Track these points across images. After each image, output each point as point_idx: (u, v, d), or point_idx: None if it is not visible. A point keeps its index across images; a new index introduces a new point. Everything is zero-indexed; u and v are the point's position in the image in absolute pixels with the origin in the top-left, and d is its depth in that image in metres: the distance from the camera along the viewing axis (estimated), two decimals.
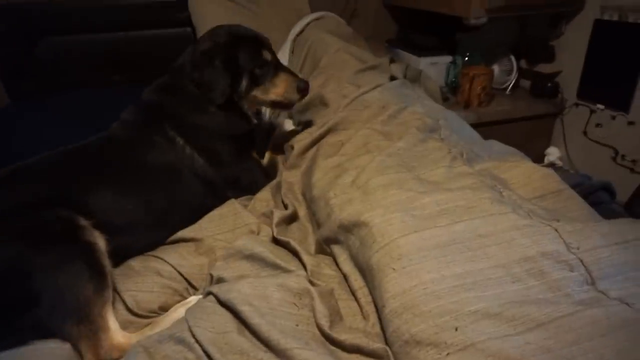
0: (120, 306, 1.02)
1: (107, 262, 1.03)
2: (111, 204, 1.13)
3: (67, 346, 0.92)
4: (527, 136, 2.10)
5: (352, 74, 1.74)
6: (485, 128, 1.97)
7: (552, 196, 1.12)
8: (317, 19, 2.04)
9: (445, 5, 1.94)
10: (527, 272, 0.84)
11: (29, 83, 2.05)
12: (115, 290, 1.03)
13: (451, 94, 2.14)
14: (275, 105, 1.46)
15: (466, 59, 2.08)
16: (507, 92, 2.13)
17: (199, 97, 1.30)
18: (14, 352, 0.88)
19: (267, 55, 1.36)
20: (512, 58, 2.07)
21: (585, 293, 0.82)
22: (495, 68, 2.12)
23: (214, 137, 1.32)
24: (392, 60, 1.89)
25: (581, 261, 0.85)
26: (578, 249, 0.87)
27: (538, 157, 2.03)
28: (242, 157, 1.39)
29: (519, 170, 1.18)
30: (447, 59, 2.14)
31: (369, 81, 1.68)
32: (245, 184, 1.38)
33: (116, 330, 0.96)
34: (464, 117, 1.89)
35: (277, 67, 1.39)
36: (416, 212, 0.97)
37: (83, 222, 1.04)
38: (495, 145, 1.41)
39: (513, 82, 2.11)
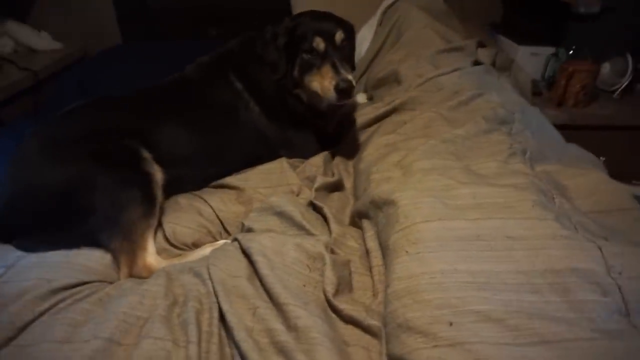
0: (160, 234, 1.13)
1: (159, 193, 1.14)
2: (171, 138, 1.23)
3: (108, 256, 1.04)
4: (629, 150, 1.84)
5: (433, 53, 1.66)
6: (577, 132, 1.76)
7: (618, 214, 0.99)
8: None
9: None
10: (550, 285, 0.77)
11: (140, 29, 2.26)
12: (159, 219, 1.13)
13: (546, 89, 1.94)
14: (324, 101, 1.33)
15: (571, 52, 1.86)
16: (615, 95, 1.87)
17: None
18: (68, 252, 1.01)
19: (318, 44, 1.26)
20: (629, 57, 1.80)
21: (614, 323, 0.73)
22: (606, 67, 1.86)
23: (274, 95, 1.35)
24: (481, 44, 1.76)
25: (619, 288, 0.76)
26: (620, 274, 0.77)
27: (637, 176, 1.78)
28: (299, 123, 1.41)
29: (586, 179, 1.06)
30: (550, 50, 1.93)
31: (449, 63, 1.59)
32: (297, 149, 1.41)
33: (152, 253, 1.06)
34: (552, 116, 1.73)
35: (325, 59, 1.26)
36: (449, 201, 0.93)
37: (146, 154, 1.15)
38: (573, 149, 1.28)
39: (625, 85, 1.84)
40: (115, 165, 1.09)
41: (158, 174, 1.15)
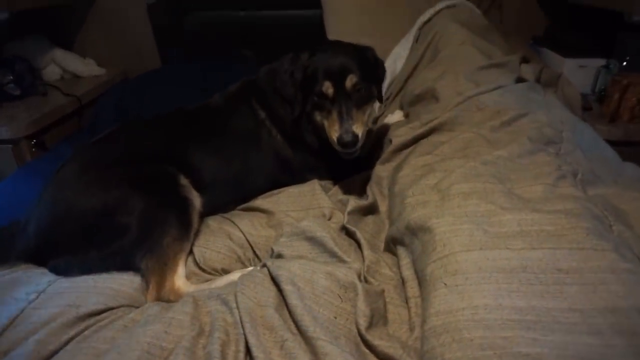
0: (190, 258, 1.11)
1: (196, 219, 1.15)
2: (203, 164, 1.24)
3: (137, 280, 1.03)
4: None
5: (473, 69, 1.58)
6: (634, 149, 1.64)
7: None
8: (448, 7, 1.90)
9: None
10: (612, 326, 0.68)
11: (177, 52, 2.32)
12: None
13: (597, 104, 1.82)
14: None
15: (624, 63, 1.74)
16: None
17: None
18: (98, 276, 1.01)
19: (327, 89, 1.20)
20: None
21: None
22: None
23: (294, 126, 1.33)
24: (525, 60, 1.68)
25: None
26: None
27: None
28: (324, 150, 1.37)
29: None
30: (599, 62, 1.82)
31: (490, 80, 1.51)
32: (325, 173, 1.37)
33: (181, 276, 1.05)
34: (605, 132, 1.62)
35: (334, 105, 1.20)
36: (490, 228, 0.85)
37: (183, 180, 1.17)
38: (630, 169, 1.17)
39: None
40: (155, 189, 1.11)
41: (196, 200, 1.17)
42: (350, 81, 1.20)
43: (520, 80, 1.56)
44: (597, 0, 1.67)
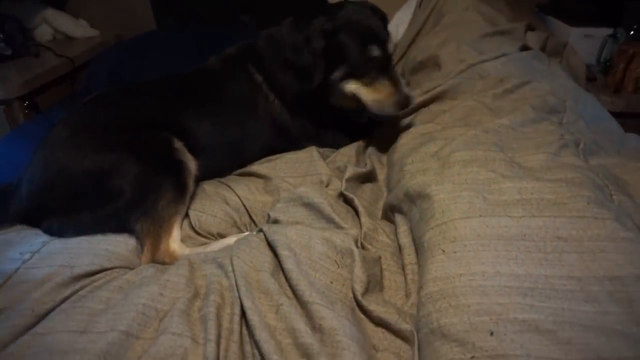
0: (186, 222, 1.10)
1: (191, 182, 1.13)
2: (198, 128, 1.21)
3: (131, 242, 1.02)
4: None
5: (477, 37, 1.55)
6: (638, 120, 1.62)
7: None
8: None
9: None
10: (610, 294, 0.68)
11: (174, 15, 2.25)
12: None
13: (602, 74, 1.79)
14: (362, 106, 1.25)
15: (632, 32, 1.69)
16: None
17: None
18: (92, 237, 1.00)
19: (374, 52, 1.17)
20: None
21: None
22: None
23: (298, 96, 1.28)
24: (530, 28, 1.63)
25: None
26: None
27: None
28: (326, 116, 1.34)
29: None
30: (606, 31, 1.77)
31: (494, 48, 1.48)
32: (326, 142, 1.35)
33: (176, 239, 1.04)
34: (609, 103, 1.60)
35: (384, 69, 1.19)
36: (490, 196, 0.84)
37: (178, 144, 1.15)
38: (633, 140, 1.16)
39: None
40: (149, 153, 1.09)
41: (191, 163, 1.15)
42: (391, 43, 1.18)
43: (524, 48, 1.52)
44: None
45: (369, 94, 1.21)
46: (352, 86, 1.22)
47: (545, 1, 2.18)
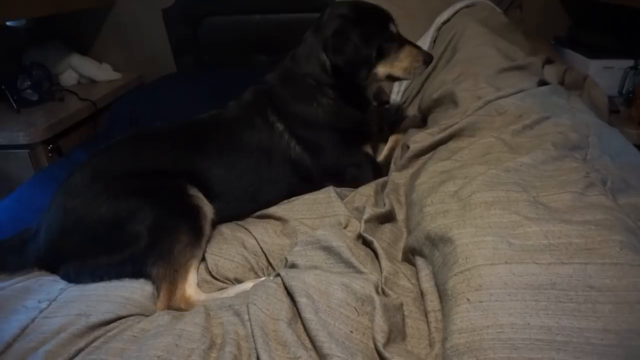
0: (202, 266, 1.09)
1: (207, 226, 1.14)
2: (214, 176, 1.22)
3: (147, 288, 1.02)
4: None
5: (493, 72, 1.53)
6: None
7: None
8: (467, 6, 1.84)
9: None
10: None
11: (193, 58, 2.32)
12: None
13: (625, 107, 1.75)
14: (394, 79, 1.43)
15: None
16: None
17: (310, 87, 1.30)
18: (109, 284, 1.00)
19: (393, 28, 1.33)
20: None
21: None
22: None
23: (317, 128, 1.30)
24: (548, 61, 1.62)
25: None
26: None
27: None
28: (348, 151, 1.34)
29: None
30: (626, 63, 1.75)
31: (511, 83, 1.46)
32: (347, 179, 1.34)
33: (192, 284, 1.04)
34: (635, 136, 1.56)
35: (402, 40, 1.36)
36: (515, 241, 0.81)
37: (193, 190, 1.16)
38: None
39: None
40: (164, 199, 1.10)
41: (207, 207, 1.16)
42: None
43: (542, 83, 1.50)
44: None
45: (398, 67, 1.35)
46: (382, 69, 1.35)
47: (562, 34, 2.17)
